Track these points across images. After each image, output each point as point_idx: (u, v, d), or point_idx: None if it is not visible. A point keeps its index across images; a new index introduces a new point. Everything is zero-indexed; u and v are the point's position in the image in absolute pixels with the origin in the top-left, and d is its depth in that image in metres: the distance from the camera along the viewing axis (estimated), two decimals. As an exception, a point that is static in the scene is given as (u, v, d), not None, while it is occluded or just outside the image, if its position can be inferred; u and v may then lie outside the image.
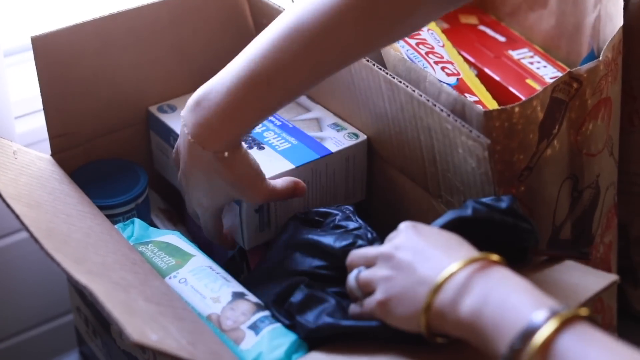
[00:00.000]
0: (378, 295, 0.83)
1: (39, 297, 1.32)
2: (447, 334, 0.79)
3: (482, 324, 0.74)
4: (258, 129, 1.12)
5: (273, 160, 1.07)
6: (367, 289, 0.86)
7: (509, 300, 0.74)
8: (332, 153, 1.09)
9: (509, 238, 0.91)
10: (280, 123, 1.14)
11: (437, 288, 0.78)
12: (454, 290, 0.77)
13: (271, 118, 1.15)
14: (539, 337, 0.69)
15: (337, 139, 1.11)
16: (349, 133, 1.12)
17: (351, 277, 0.88)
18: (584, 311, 0.72)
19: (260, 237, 1.08)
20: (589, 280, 0.89)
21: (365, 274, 0.86)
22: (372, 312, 0.85)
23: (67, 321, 1.34)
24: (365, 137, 1.11)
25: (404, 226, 0.86)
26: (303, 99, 1.19)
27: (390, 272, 0.83)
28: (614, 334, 1.14)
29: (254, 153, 1.07)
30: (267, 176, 1.00)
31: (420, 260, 0.81)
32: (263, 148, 1.09)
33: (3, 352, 1.33)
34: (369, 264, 0.87)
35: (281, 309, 0.92)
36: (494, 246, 0.90)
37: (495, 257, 0.79)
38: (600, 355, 0.68)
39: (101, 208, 1.10)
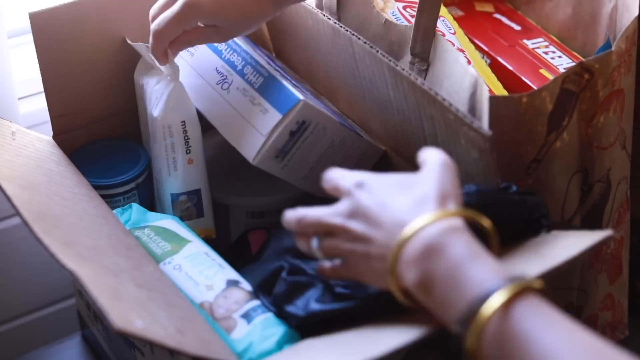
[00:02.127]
0: (346, 266, 0.83)
1: (42, 280, 1.31)
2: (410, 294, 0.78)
3: (437, 291, 0.74)
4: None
5: None
6: (331, 256, 0.84)
7: (465, 269, 0.73)
8: (360, 135, 1.09)
9: (519, 214, 0.90)
10: None
11: (402, 244, 0.76)
12: (415, 250, 0.76)
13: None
14: (489, 308, 0.70)
15: (362, 132, 1.11)
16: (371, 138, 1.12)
17: (313, 247, 0.84)
18: (538, 283, 0.72)
19: (271, 163, 1.05)
20: (583, 237, 0.87)
21: (329, 245, 0.83)
22: (343, 277, 0.84)
23: (69, 305, 1.33)
24: (382, 149, 1.11)
25: (352, 187, 0.83)
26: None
27: (353, 246, 0.81)
28: (623, 332, 1.12)
29: None
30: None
31: (376, 228, 0.79)
32: None
33: (6, 335, 1.32)
34: (325, 232, 0.84)
35: (266, 295, 0.91)
36: (503, 224, 0.88)
37: (453, 211, 0.78)
38: (546, 326, 0.69)
39: (101, 187, 1.10)
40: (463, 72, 0.98)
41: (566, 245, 0.86)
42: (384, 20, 1.08)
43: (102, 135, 1.17)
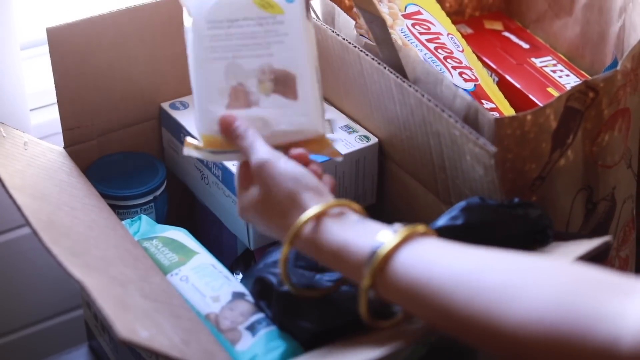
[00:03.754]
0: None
1: (50, 291, 1.32)
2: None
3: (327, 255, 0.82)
4: None
5: None
6: None
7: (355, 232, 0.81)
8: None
9: (523, 227, 0.91)
10: None
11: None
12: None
13: None
14: (381, 252, 0.77)
15: (347, 141, 1.09)
16: (360, 136, 1.11)
17: None
18: (421, 228, 0.79)
19: (266, 237, 1.06)
20: (582, 243, 0.89)
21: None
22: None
23: (77, 315, 1.34)
24: (376, 140, 1.10)
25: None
26: None
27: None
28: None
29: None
30: None
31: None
32: None
33: (13, 344, 1.33)
34: None
35: (263, 300, 0.92)
36: (510, 238, 0.90)
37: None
38: (436, 255, 0.75)
39: (120, 199, 1.12)
40: (452, 95, 0.98)
41: (566, 252, 0.87)
42: (364, 43, 1.09)
43: (113, 147, 1.18)
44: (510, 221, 0.90)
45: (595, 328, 0.66)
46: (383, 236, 0.78)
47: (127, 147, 1.19)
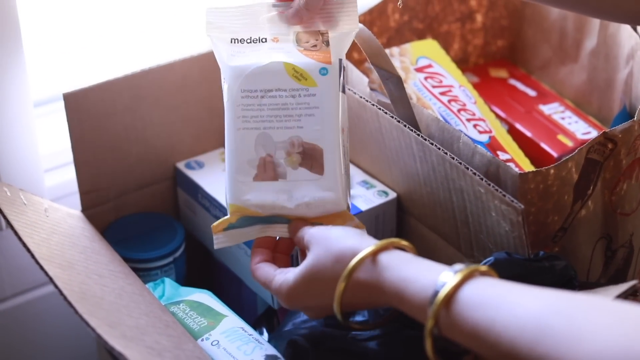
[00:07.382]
0: None
1: (65, 348, 1.32)
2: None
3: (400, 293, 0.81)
4: None
5: None
6: None
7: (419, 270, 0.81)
8: (361, 212, 1.08)
9: (550, 280, 0.91)
10: None
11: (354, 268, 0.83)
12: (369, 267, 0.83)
13: None
14: (443, 292, 0.75)
15: (366, 197, 1.10)
16: (378, 191, 1.11)
17: None
18: (483, 267, 0.78)
19: None
20: (610, 290, 0.89)
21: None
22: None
23: (94, 375, 1.34)
24: (395, 195, 1.11)
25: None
26: None
27: None
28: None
29: None
30: None
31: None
32: None
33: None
34: None
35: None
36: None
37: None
38: (499, 296, 0.74)
39: (139, 262, 1.12)
40: (470, 152, 0.99)
41: None
42: (377, 99, 1.09)
43: (130, 209, 1.18)
44: (538, 274, 0.91)
45: None
46: (445, 276, 0.77)
47: (143, 208, 1.19)
